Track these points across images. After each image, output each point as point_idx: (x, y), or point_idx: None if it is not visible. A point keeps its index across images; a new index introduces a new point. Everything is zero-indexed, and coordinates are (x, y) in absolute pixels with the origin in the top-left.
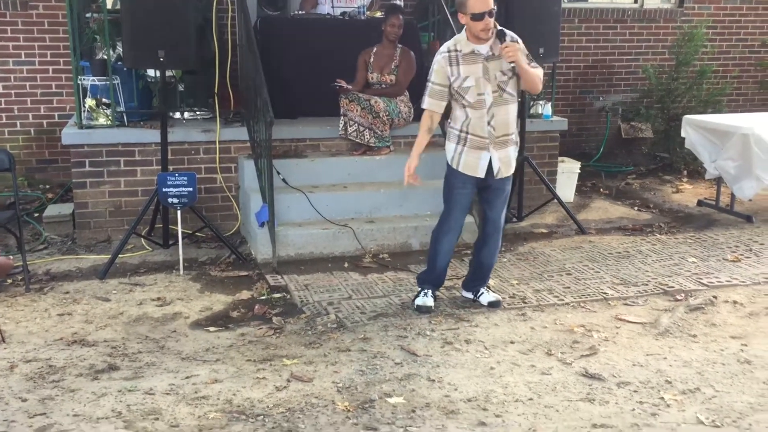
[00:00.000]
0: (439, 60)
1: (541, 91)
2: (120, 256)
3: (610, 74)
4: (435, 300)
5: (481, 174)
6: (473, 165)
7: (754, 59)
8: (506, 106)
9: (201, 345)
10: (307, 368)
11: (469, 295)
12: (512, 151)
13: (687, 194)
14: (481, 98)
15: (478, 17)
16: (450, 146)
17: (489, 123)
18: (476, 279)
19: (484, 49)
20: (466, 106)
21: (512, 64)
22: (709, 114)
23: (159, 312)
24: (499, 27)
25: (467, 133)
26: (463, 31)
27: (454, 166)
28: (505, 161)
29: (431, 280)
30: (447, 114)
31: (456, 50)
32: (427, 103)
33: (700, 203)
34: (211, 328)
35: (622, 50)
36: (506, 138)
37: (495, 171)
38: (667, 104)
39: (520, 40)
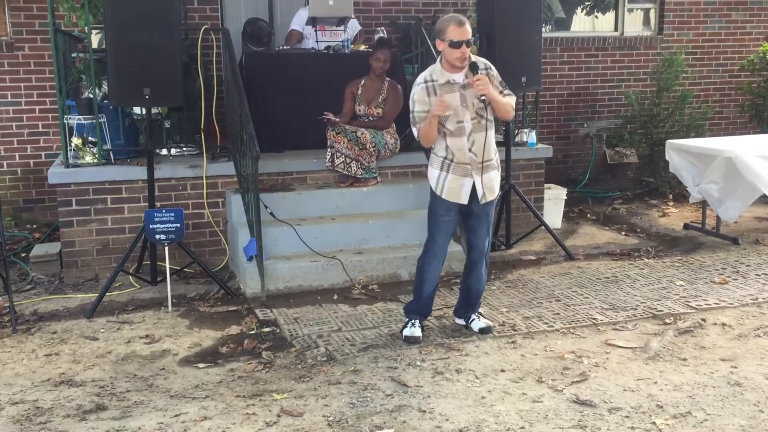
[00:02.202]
0: (418, 91)
1: (526, 119)
2: (108, 294)
3: (593, 101)
4: (423, 330)
5: (465, 200)
6: (456, 191)
7: (734, 83)
8: (485, 132)
9: (190, 382)
10: (298, 402)
11: (461, 322)
12: (495, 175)
13: (673, 218)
14: (460, 126)
15: (455, 45)
16: (434, 173)
17: (470, 149)
18: (466, 305)
19: (459, 77)
20: (447, 134)
21: (483, 97)
22: (692, 138)
23: (147, 350)
24: (473, 59)
25: (451, 160)
26: (438, 61)
27: (438, 193)
28: (489, 186)
29: (418, 309)
30: None
31: (432, 80)
32: (417, 130)
33: (686, 226)
34: (200, 365)
35: (604, 77)
36: (489, 163)
37: (479, 196)
38: (650, 129)
39: (493, 68)
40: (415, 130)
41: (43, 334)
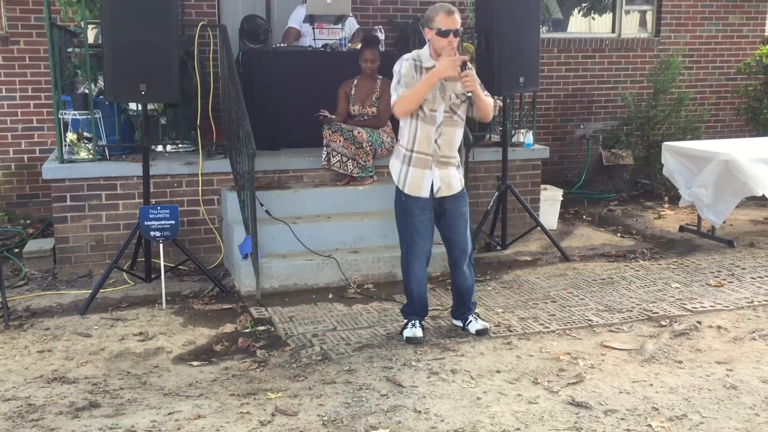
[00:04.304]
0: (406, 65)
1: (523, 119)
2: (101, 290)
3: (590, 102)
4: (423, 329)
5: (425, 194)
6: (417, 185)
7: (731, 86)
8: (454, 128)
9: (184, 380)
10: (292, 402)
11: (458, 323)
12: (454, 171)
13: (669, 220)
14: (433, 114)
15: (443, 34)
16: (396, 165)
17: (436, 141)
18: (461, 305)
19: None
20: (419, 117)
21: (469, 94)
22: (688, 140)
23: (141, 347)
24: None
25: (412, 151)
26: (426, 47)
27: (401, 187)
28: (446, 180)
29: (414, 311)
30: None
31: (419, 61)
32: (398, 94)
33: (681, 229)
34: (194, 363)
35: (601, 79)
36: (448, 159)
37: (435, 189)
38: (646, 131)
39: (473, 69)
40: (395, 95)
41: (36, 331)
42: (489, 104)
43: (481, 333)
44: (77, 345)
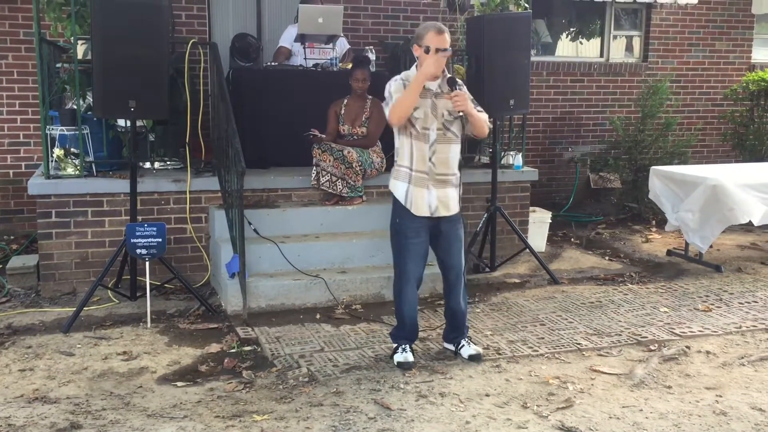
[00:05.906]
0: (394, 84)
1: (512, 142)
2: (85, 308)
3: (578, 126)
4: (413, 353)
5: (426, 212)
6: (419, 204)
7: (718, 112)
8: (449, 145)
9: (168, 401)
10: (278, 424)
11: (451, 347)
12: (452, 192)
13: (656, 244)
14: (425, 132)
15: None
16: (401, 185)
17: (430, 159)
18: (454, 329)
19: (433, 85)
20: (412, 135)
21: (460, 113)
22: (675, 165)
23: (125, 367)
24: (449, 74)
25: (411, 169)
26: (414, 66)
27: (407, 206)
28: (443, 201)
29: (405, 335)
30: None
31: (407, 80)
32: (391, 107)
33: (669, 253)
34: (179, 383)
35: (589, 102)
36: (446, 177)
37: (432, 209)
38: (634, 155)
39: (464, 86)
40: (387, 109)
41: (18, 349)
42: (483, 120)
43: (474, 358)
44: (59, 364)
